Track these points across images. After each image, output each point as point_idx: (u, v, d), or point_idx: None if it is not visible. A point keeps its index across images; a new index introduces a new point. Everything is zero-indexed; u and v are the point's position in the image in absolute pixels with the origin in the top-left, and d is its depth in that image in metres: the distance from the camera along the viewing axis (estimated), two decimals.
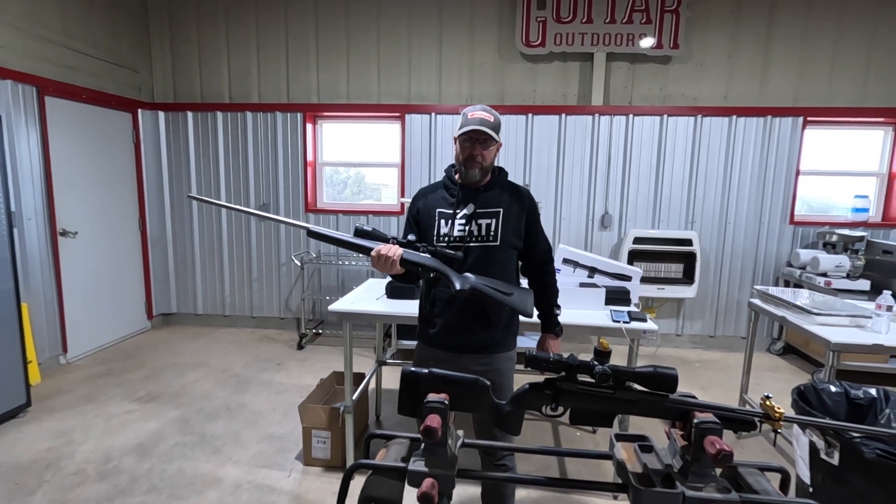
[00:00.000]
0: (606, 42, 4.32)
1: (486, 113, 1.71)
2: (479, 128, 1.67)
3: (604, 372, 0.96)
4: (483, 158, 1.72)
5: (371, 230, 1.57)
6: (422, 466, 0.94)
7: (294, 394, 3.43)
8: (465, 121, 1.71)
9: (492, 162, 1.77)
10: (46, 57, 3.69)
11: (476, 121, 1.69)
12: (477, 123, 1.68)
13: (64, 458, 2.62)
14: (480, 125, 1.67)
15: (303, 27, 4.62)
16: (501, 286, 1.64)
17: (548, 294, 1.88)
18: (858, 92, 4.32)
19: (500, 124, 1.74)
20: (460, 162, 1.75)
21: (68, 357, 3.90)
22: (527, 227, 1.80)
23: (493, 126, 1.70)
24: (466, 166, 1.74)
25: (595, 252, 4.45)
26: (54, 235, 3.75)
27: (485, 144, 1.71)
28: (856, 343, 2.23)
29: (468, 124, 1.69)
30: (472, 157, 1.72)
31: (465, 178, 1.76)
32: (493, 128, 1.69)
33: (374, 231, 1.57)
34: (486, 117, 1.70)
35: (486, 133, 1.67)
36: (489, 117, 1.70)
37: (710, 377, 3.98)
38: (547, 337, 1.91)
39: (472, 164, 1.72)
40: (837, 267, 3.93)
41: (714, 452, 0.84)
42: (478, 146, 1.71)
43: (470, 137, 1.69)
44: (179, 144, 4.80)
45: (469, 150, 1.71)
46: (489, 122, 1.69)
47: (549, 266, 1.89)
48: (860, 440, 1.57)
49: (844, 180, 4.61)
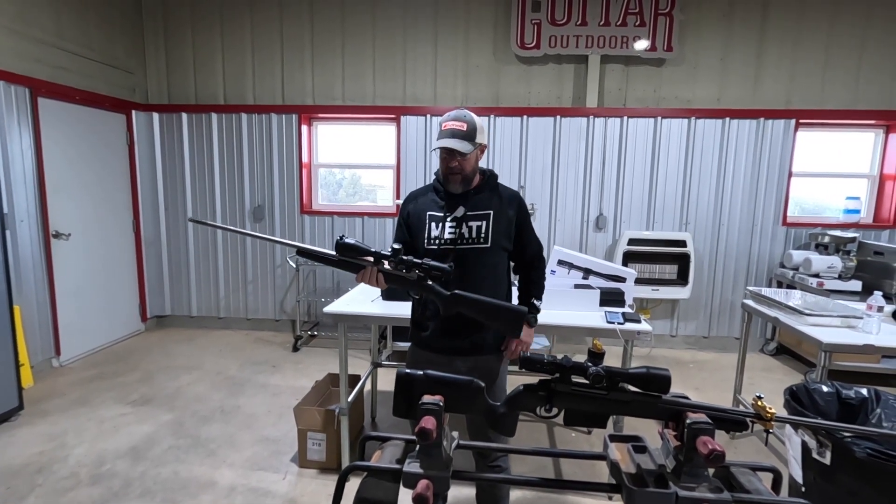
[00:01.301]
0: (601, 44, 4.35)
1: (457, 122, 1.67)
2: (447, 146, 1.65)
3: (597, 373, 0.97)
4: (462, 168, 1.70)
5: (353, 244, 1.46)
6: (417, 468, 0.94)
7: (289, 396, 3.42)
8: (439, 132, 1.69)
9: (474, 167, 1.75)
10: (40, 58, 3.67)
11: (447, 133, 1.66)
12: (448, 136, 1.65)
13: (56, 461, 2.60)
14: (451, 139, 1.65)
15: (298, 29, 4.62)
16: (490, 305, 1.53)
17: (531, 288, 1.87)
18: (850, 94, 4.36)
19: (475, 129, 1.68)
20: (442, 173, 1.76)
21: (61, 360, 3.87)
22: (517, 229, 1.79)
23: (466, 134, 1.66)
24: (447, 179, 1.74)
25: (590, 253, 4.47)
26: (47, 237, 3.72)
27: (462, 155, 1.67)
28: (847, 343, 2.25)
29: (440, 137, 1.67)
30: (450, 169, 1.70)
31: (447, 188, 1.76)
32: (465, 137, 1.65)
33: (357, 245, 1.46)
34: (458, 127, 1.66)
35: (454, 150, 1.65)
36: (461, 126, 1.66)
37: (704, 378, 4.00)
38: None
39: (451, 177, 1.72)
40: (829, 268, 3.96)
41: (706, 452, 0.85)
42: (455, 158, 1.68)
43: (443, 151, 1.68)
44: (174, 146, 4.78)
45: (447, 163, 1.70)
46: (461, 132, 1.65)
47: (539, 263, 1.88)
48: (851, 440, 1.59)
49: (836, 182, 4.65)
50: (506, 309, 1.53)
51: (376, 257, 1.47)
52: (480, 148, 1.74)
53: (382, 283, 1.50)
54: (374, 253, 1.46)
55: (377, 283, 1.50)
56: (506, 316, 1.52)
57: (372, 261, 1.48)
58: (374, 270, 1.48)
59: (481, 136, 1.72)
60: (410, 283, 1.49)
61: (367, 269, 1.48)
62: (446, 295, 1.48)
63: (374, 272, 1.48)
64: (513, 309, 1.53)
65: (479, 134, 1.70)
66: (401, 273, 1.47)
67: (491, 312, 1.52)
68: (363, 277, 1.50)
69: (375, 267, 1.47)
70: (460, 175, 1.71)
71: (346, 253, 1.47)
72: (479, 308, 1.51)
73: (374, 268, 1.47)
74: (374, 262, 1.48)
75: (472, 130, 1.67)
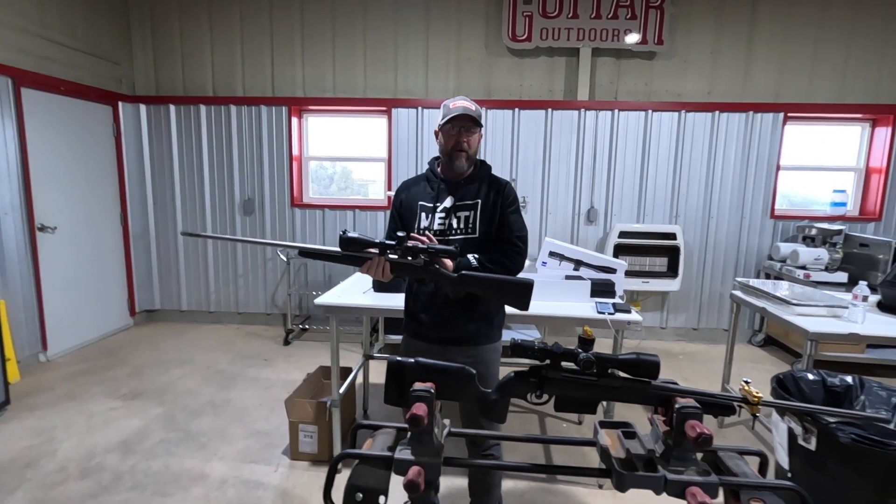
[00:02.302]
0: (592, 37, 4.35)
1: (467, 102, 1.73)
2: (465, 112, 1.68)
3: (587, 359, 0.97)
4: (469, 146, 1.74)
5: (357, 237, 1.44)
6: (408, 455, 0.95)
7: (281, 389, 3.41)
8: (447, 111, 1.72)
9: (476, 150, 1.78)
10: (23, 48, 3.60)
11: (459, 108, 1.70)
12: (461, 111, 1.69)
13: (45, 455, 2.58)
14: (465, 112, 1.69)
15: (288, 20, 4.57)
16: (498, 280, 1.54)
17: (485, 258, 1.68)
18: (837, 88, 4.41)
19: (480, 114, 1.75)
20: (446, 152, 1.75)
21: (48, 355, 3.83)
22: (500, 215, 1.75)
23: (477, 113, 1.72)
24: (452, 156, 1.74)
25: (581, 246, 4.47)
26: (32, 230, 3.67)
27: (470, 132, 1.72)
28: (833, 332, 2.29)
29: (451, 112, 1.70)
30: (458, 144, 1.72)
31: (451, 168, 1.76)
32: (476, 115, 1.71)
33: (360, 238, 1.45)
34: (469, 106, 1.72)
35: (472, 118, 1.69)
36: (471, 105, 1.72)
37: (694, 369, 4.05)
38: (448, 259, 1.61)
39: (458, 152, 1.73)
40: (816, 260, 4.02)
41: (694, 436, 0.86)
42: (463, 133, 1.72)
43: (455, 125, 1.70)
44: (162, 138, 4.71)
45: (455, 138, 1.72)
46: (472, 110, 1.71)
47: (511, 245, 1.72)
48: (836, 425, 1.62)
49: (823, 175, 4.71)
50: (514, 283, 1.54)
51: (381, 248, 1.46)
52: (480, 133, 1.78)
53: (388, 275, 1.50)
54: (378, 244, 1.46)
55: (382, 274, 1.50)
56: (514, 290, 1.53)
57: (377, 252, 1.47)
58: (381, 260, 1.48)
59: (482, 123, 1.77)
60: (417, 270, 1.50)
61: (372, 261, 1.48)
62: (454, 277, 1.50)
63: (381, 262, 1.48)
64: (520, 282, 1.53)
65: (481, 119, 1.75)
66: (407, 261, 1.48)
67: (499, 288, 1.54)
68: (369, 269, 1.49)
69: (382, 257, 1.47)
70: (466, 153, 1.73)
71: (350, 247, 1.46)
72: (488, 285, 1.53)
73: (380, 258, 1.47)
74: (379, 252, 1.47)
75: (479, 112, 1.73)
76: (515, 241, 1.74)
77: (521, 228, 1.77)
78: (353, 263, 1.50)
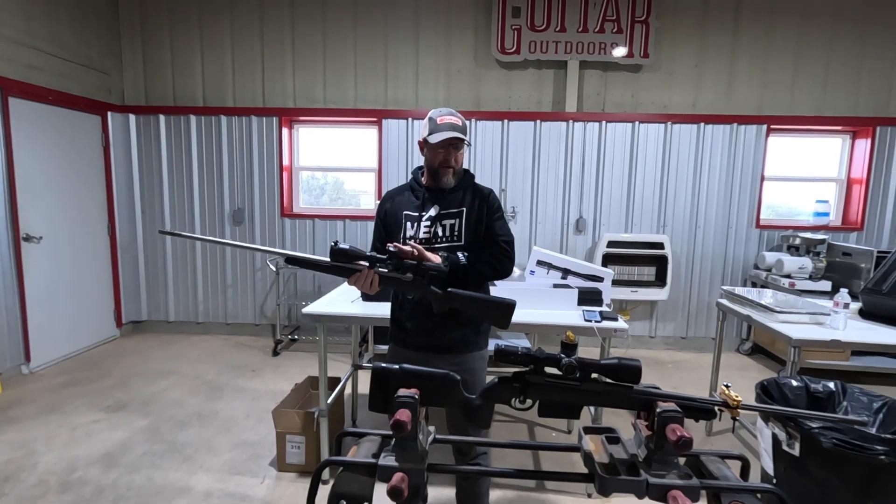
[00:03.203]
0: (579, 50, 4.42)
1: (454, 117, 1.73)
2: (457, 134, 1.69)
3: (570, 364, 0.98)
4: (456, 162, 1.76)
5: (348, 249, 1.45)
6: (392, 461, 0.95)
7: (269, 400, 3.37)
8: (434, 126, 1.72)
9: (461, 163, 1.80)
10: (10, 57, 3.58)
11: (448, 126, 1.70)
12: (450, 129, 1.70)
13: (25, 469, 2.52)
14: (454, 131, 1.69)
15: (278, 31, 4.60)
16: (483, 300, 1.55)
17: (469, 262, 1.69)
18: (817, 101, 4.52)
19: (466, 127, 1.77)
20: (433, 168, 1.77)
21: (31, 366, 3.76)
22: (486, 223, 1.77)
23: (463, 129, 1.73)
24: (440, 172, 1.75)
25: (570, 255, 4.51)
26: (17, 240, 3.62)
27: (457, 149, 1.74)
28: (815, 339, 2.32)
29: (440, 130, 1.70)
30: (445, 161, 1.74)
31: (437, 183, 1.78)
32: (463, 131, 1.72)
33: (351, 250, 1.46)
34: (456, 121, 1.72)
35: (462, 139, 1.71)
36: (458, 121, 1.73)
37: (682, 377, 4.07)
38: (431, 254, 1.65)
39: (445, 169, 1.75)
40: (800, 268, 4.08)
41: (675, 439, 0.87)
42: (452, 151, 1.73)
43: (445, 144, 1.71)
44: (151, 148, 4.69)
45: (443, 155, 1.73)
46: (459, 126, 1.72)
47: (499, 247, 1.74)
48: (819, 430, 1.64)
49: (806, 186, 4.80)
50: (497, 303, 1.54)
51: (371, 261, 1.47)
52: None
53: (376, 287, 1.50)
54: (368, 257, 1.46)
55: (370, 286, 1.50)
56: (497, 309, 1.53)
57: (367, 265, 1.47)
58: (370, 273, 1.48)
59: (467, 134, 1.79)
60: (406, 285, 1.50)
61: (361, 273, 1.48)
62: (441, 294, 1.50)
63: (370, 275, 1.48)
64: (504, 303, 1.54)
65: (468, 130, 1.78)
66: (396, 275, 1.48)
67: (484, 306, 1.55)
68: (357, 281, 1.49)
69: (372, 270, 1.47)
70: (453, 169, 1.75)
71: (341, 258, 1.46)
72: (473, 304, 1.54)
73: (370, 271, 1.47)
74: (369, 266, 1.47)
75: (465, 125, 1.75)
76: (503, 245, 1.75)
77: (508, 234, 1.79)
78: (341, 274, 1.49)
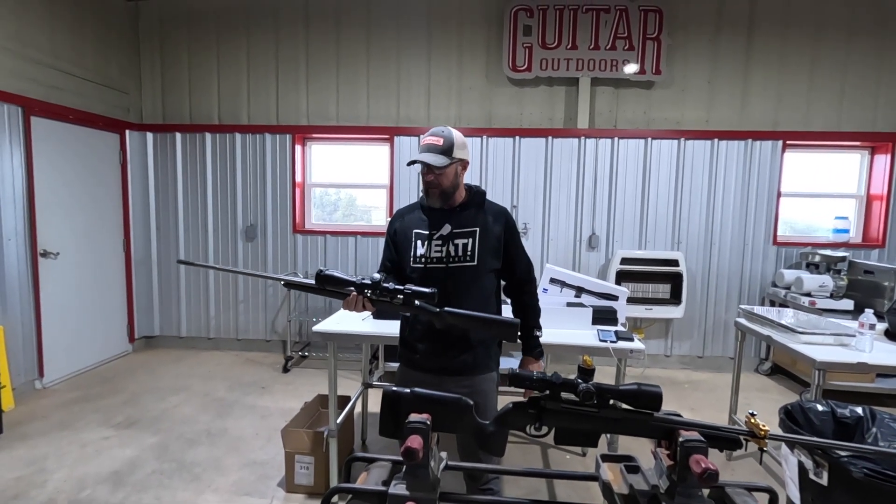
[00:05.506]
0: (591, 67, 4.43)
1: (434, 138, 1.70)
2: (420, 159, 1.66)
3: (587, 390, 0.95)
4: (440, 183, 1.71)
5: (333, 276, 1.44)
6: (403, 490, 0.91)
7: (278, 418, 3.35)
8: (419, 147, 1.74)
9: (454, 182, 1.74)
10: (34, 77, 3.69)
11: (423, 148, 1.69)
12: (424, 151, 1.68)
13: (34, 487, 2.51)
14: (426, 153, 1.67)
15: (293, 50, 4.68)
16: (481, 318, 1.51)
17: (528, 315, 1.84)
18: (834, 116, 4.45)
19: (452, 144, 1.69)
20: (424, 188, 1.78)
21: (44, 382, 3.78)
22: (505, 246, 1.78)
23: (442, 149, 1.67)
24: (427, 193, 1.76)
25: (583, 273, 4.46)
26: (35, 256, 3.68)
27: (438, 170, 1.68)
28: (841, 362, 2.24)
29: (419, 152, 1.70)
30: (427, 183, 1.73)
31: (428, 203, 1.77)
32: (441, 151, 1.67)
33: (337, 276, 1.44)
34: (434, 142, 1.68)
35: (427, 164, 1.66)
36: (437, 141, 1.68)
37: (700, 398, 3.97)
38: (528, 360, 1.86)
39: (430, 190, 1.74)
40: (821, 287, 3.98)
41: (699, 472, 0.83)
42: (431, 172, 1.70)
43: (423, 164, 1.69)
44: (167, 165, 4.78)
45: (424, 177, 1.73)
46: (437, 147, 1.67)
47: (531, 286, 1.86)
48: (848, 459, 1.56)
49: (825, 202, 4.71)
50: (498, 321, 1.50)
51: (358, 288, 1.44)
52: (462, 164, 1.75)
53: (370, 307, 1.48)
54: (355, 283, 1.44)
55: (363, 308, 1.48)
56: (499, 326, 1.50)
57: (354, 291, 1.45)
58: (358, 298, 1.46)
59: (461, 151, 1.72)
60: (398, 307, 1.48)
61: (351, 298, 1.47)
62: (437, 312, 1.47)
63: (358, 300, 1.47)
64: (505, 321, 1.50)
65: (457, 149, 1.70)
66: (386, 300, 1.45)
67: (483, 324, 1.51)
68: (349, 305, 1.49)
69: (360, 295, 1.46)
70: (438, 189, 1.72)
71: (327, 284, 1.45)
72: (471, 322, 1.50)
73: (358, 296, 1.46)
74: (356, 291, 1.45)
75: (448, 145, 1.69)
76: (532, 278, 1.86)
77: (529, 260, 1.86)
78: (336, 297, 1.50)
